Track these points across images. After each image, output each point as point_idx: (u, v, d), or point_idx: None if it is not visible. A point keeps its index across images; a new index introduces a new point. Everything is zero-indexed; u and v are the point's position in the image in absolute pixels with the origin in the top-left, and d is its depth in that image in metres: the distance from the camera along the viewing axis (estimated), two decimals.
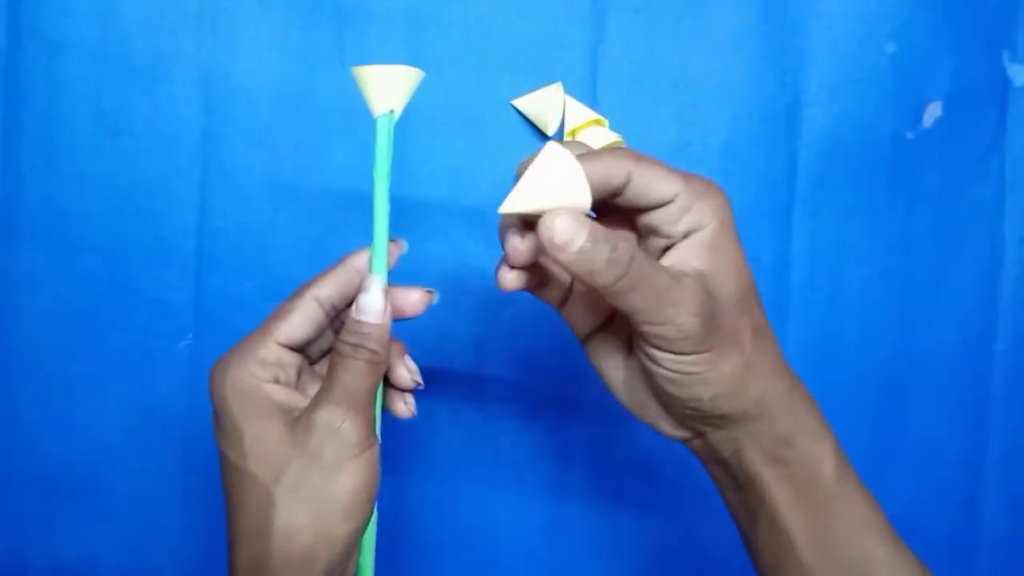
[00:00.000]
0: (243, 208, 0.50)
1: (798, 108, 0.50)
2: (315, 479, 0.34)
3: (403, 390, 0.39)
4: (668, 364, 0.33)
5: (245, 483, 0.34)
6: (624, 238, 0.32)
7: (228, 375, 0.35)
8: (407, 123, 0.49)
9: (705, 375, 0.33)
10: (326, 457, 0.34)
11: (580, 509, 0.52)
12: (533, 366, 0.51)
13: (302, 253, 0.50)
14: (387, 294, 0.36)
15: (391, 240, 0.37)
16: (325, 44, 0.49)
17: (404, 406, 0.39)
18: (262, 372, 0.35)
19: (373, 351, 0.35)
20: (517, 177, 0.32)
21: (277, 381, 0.36)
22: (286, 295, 0.51)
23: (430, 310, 0.37)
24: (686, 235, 0.34)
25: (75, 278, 0.50)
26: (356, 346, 0.35)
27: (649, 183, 0.33)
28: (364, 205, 0.50)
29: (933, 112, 0.51)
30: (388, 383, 0.39)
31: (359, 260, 0.37)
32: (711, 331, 0.32)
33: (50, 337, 0.50)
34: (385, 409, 0.39)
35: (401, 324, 0.37)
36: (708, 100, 0.50)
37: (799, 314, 0.51)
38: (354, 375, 0.35)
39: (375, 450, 0.36)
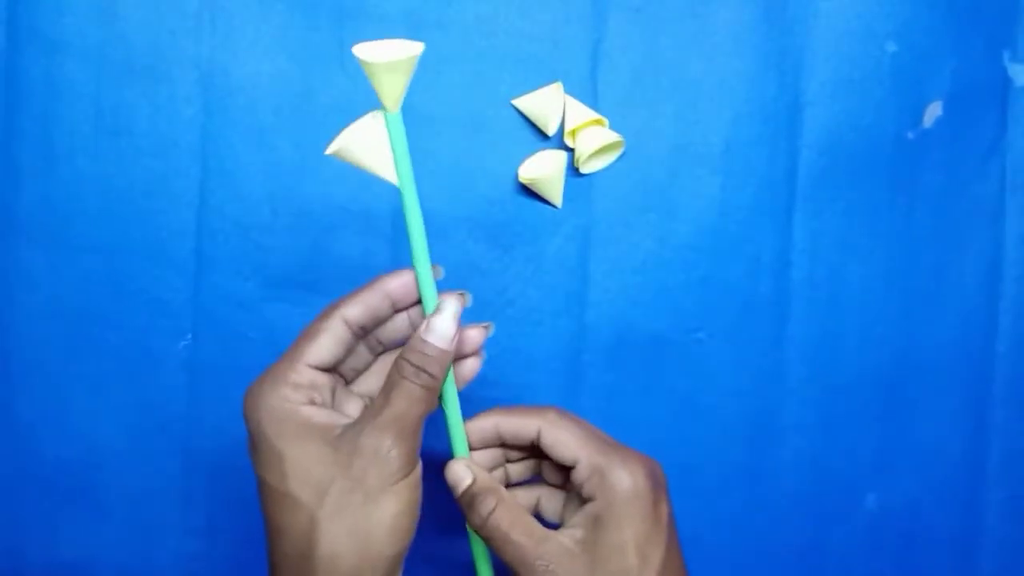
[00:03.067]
0: (243, 208, 0.50)
1: (798, 108, 0.50)
2: (358, 504, 0.33)
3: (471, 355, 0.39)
4: None
5: (286, 507, 0.34)
6: (501, 495, 0.36)
7: (263, 401, 0.35)
8: (407, 123, 0.49)
9: None
10: (369, 482, 0.33)
11: None
12: (533, 366, 0.51)
13: (301, 253, 0.50)
14: (458, 321, 0.35)
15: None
16: (325, 44, 0.49)
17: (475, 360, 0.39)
18: (296, 395, 0.35)
19: (433, 376, 0.35)
20: None
21: (313, 403, 0.35)
22: (285, 295, 0.51)
23: None
24: (584, 503, 0.36)
25: (74, 278, 0.50)
26: (418, 369, 0.34)
27: (555, 444, 0.36)
28: (363, 205, 0.50)
29: (934, 112, 0.51)
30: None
31: (391, 284, 0.36)
32: None
33: (48, 337, 0.50)
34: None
35: None
36: (708, 100, 0.50)
37: (799, 314, 0.51)
38: (409, 402, 0.34)
39: (418, 470, 0.35)
